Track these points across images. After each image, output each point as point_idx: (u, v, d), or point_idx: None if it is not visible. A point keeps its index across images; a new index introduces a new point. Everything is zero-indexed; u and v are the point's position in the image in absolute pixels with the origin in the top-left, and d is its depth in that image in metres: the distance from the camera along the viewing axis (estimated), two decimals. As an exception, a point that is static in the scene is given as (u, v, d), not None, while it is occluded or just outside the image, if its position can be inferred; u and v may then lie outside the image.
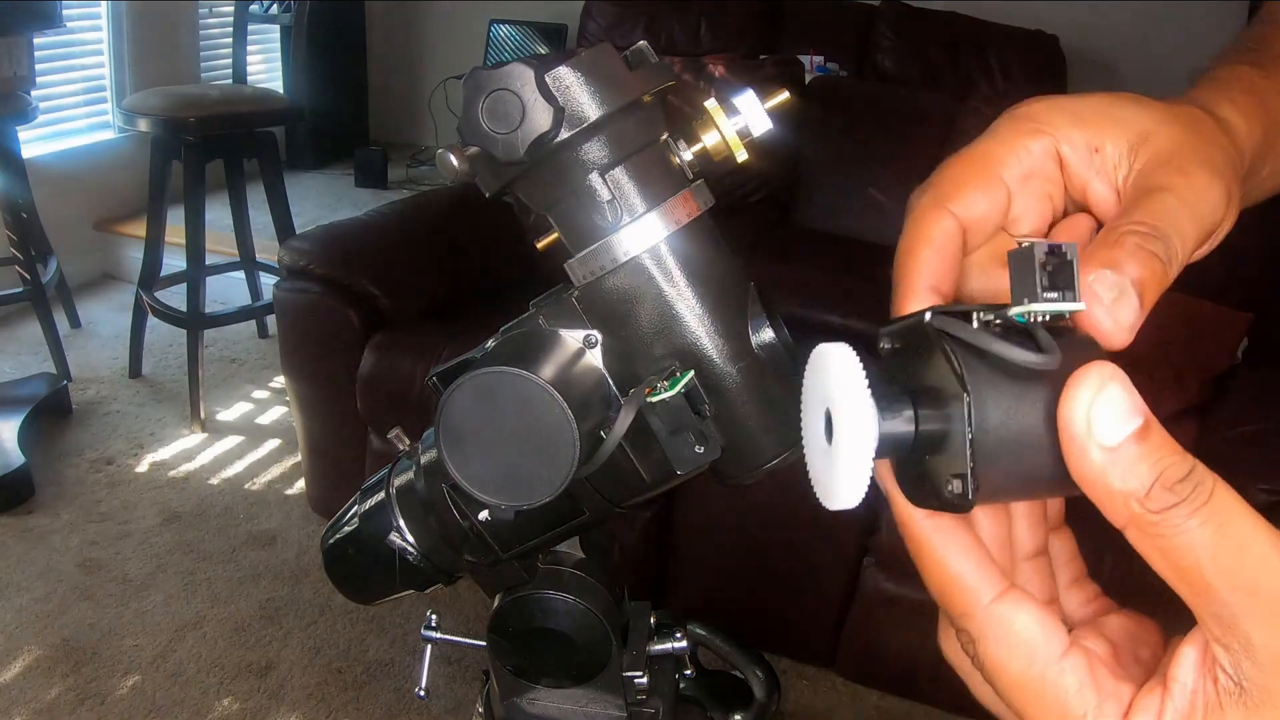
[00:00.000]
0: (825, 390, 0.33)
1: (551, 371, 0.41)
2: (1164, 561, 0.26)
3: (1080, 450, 0.27)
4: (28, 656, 1.82)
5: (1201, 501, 0.26)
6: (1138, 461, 0.27)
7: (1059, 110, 0.38)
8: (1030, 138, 0.37)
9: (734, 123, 0.43)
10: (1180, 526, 0.26)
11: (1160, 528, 0.26)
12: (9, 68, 2.40)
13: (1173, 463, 0.27)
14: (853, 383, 0.31)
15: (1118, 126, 0.37)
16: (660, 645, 0.63)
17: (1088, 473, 0.27)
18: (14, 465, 2.21)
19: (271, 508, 2.31)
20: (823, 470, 0.34)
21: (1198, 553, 0.26)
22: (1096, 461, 0.27)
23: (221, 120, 2.48)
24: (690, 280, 0.43)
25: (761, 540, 1.82)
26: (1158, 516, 0.26)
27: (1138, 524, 0.26)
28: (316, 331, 2.07)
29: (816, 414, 0.34)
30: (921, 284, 0.36)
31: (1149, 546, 0.26)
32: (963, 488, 0.29)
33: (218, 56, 3.89)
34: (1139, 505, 0.26)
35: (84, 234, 3.38)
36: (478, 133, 0.40)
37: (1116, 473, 0.27)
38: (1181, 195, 0.34)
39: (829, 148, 2.87)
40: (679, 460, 0.44)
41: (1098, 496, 0.27)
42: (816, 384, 0.34)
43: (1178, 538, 0.26)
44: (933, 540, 0.32)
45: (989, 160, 0.37)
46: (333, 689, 1.81)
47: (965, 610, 0.31)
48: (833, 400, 0.32)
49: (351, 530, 0.58)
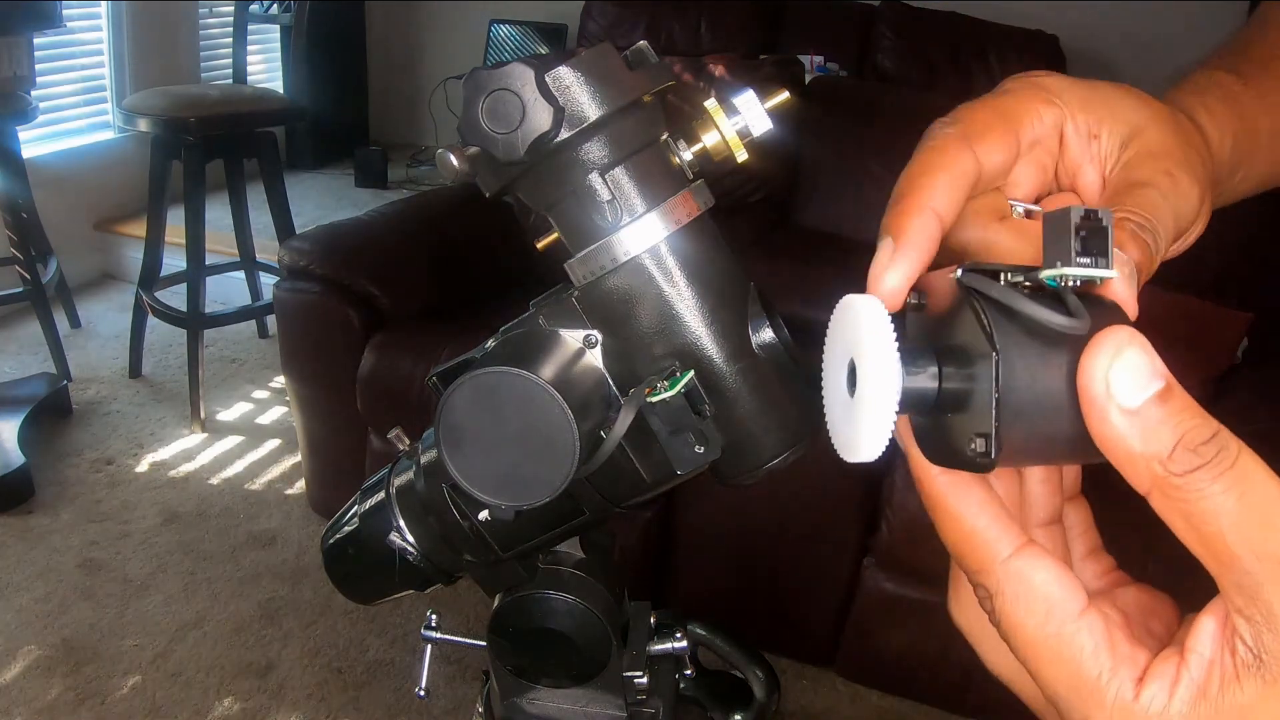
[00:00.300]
0: (850, 341, 0.33)
1: (551, 371, 0.41)
2: (1187, 527, 0.26)
3: (1101, 412, 0.27)
4: (28, 656, 1.82)
5: (1226, 465, 0.26)
6: (1160, 424, 0.26)
7: (1072, 90, 0.38)
8: (1045, 106, 0.38)
9: (734, 123, 0.43)
10: (1204, 491, 0.25)
11: (1184, 491, 0.26)
12: (9, 68, 2.40)
13: (1196, 425, 0.26)
14: (879, 335, 0.31)
15: (1115, 118, 0.38)
16: (660, 645, 0.63)
17: (1109, 435, 0.27)
18: (14, 465, 2.21)
19: (271, 508, 2.31)
20: (843, 422, 0.34)
21: (1222, 519, 0.25)
22: (1117, 424, 0.27)
23: (221, 120, 2.48)
24: (690, 280, 0.43)
25: (762, 540, 1.82)
26: (1181, 480, 0.26)
27: (1161, 487, 0.26)
28: (316, 331, 2.07)
29: (839, 365, 0.34)
30: (929, 203, 0.35)
31: (1172, 512, 0.26)
32: (985, 446, 0.28)
33: (218, 56, 3.89)
34: (1162, 468, 0.26)
35: (84, 234, 3.38)
36: (478, 133, 0.40)
37: (1138, 435, 0.26)
38: (1166, 194, 0.35)
39: (829, 148, 2.87)
40: (679, 460, 0.44)
41: (1120, 460, 0.27)
42: (841, 335, 0.34)
43: (1201, 502, 0.25)
44: (950, 495, 0.32)
45: (1011, 116, 0.38)
46: (333, 689, 1.81)
47: (983, 565, 0.31)
48: (858, 352, 0.32)
49: (351, 530, 0.58)
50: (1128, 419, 0.26)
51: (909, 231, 0.34)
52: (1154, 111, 0.38)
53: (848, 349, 0.33)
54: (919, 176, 0.36)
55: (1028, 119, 0.38)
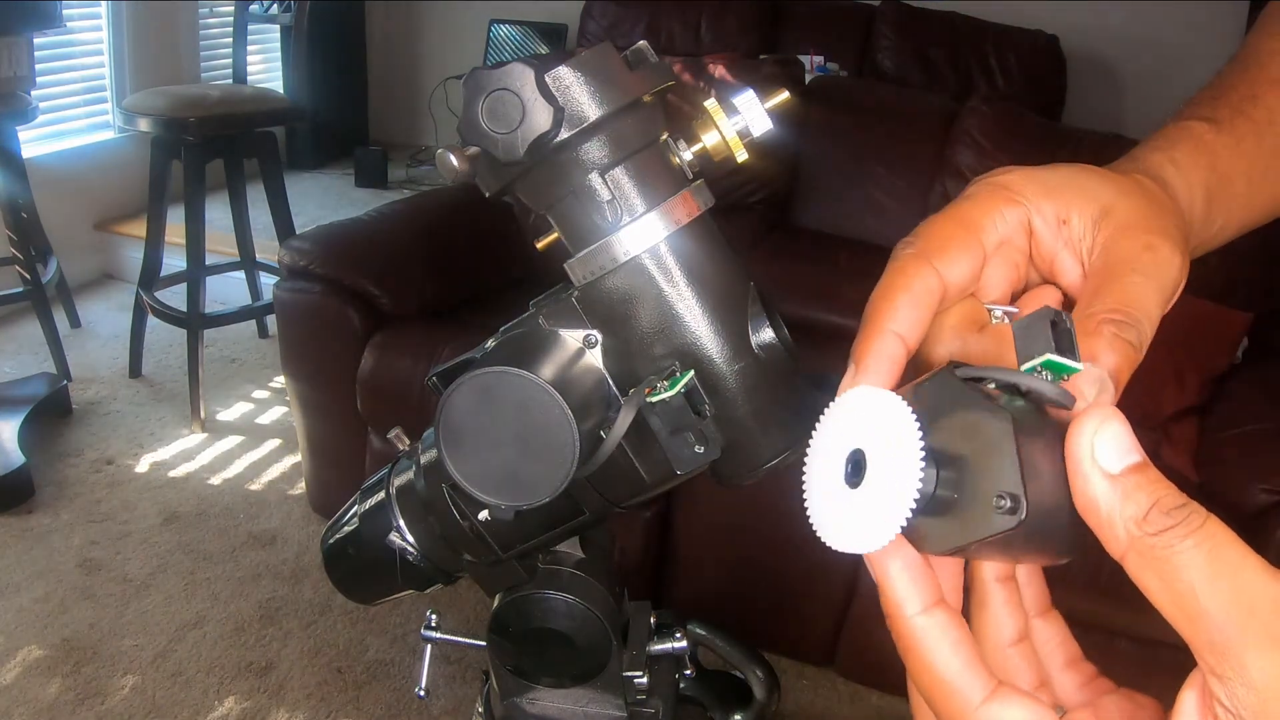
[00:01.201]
0: (863, 433, 0.33)
1: (551, 371, 0.41)
2: (1161, 586, 0.27)
3: (1085, 476, 0.29)
4: (28, 656, 1.82)
5: (1196, 526, 0.27)
6: (1137, 489, 0.28)
7: (1032, 181, 0.39)
8: (1007, 205, 0.38)
9: (734, 123, 0.43)
10: (1175, 548, 0.27)
11: (1157, 550, 0.27)
12: (9, 68, 2.40)
13: (1169, 493, 0.28)
14: (906, 435, 0.31)
15: (1083, 198, 0.38)
16: (660, 645, 0.63)
17: (1091, 497, 0.29)
18: (14, 465, 2.21)
19: (271, 508, 2.31)
20: (838, 512, 0.34)
21: (1192, 573, 0.26)
22: (1099, 486, 0.28)
23: (221, 120, 2.48)
24: (690, 280, 0.43)
25: (761, 540, 1.82)
26: (1154, 539, 0.27)
27: (1136, 548, 0.28)
28: (316, 331, 2.07)
29: (837, 453, 0.35)
30: (889, 325, 0.36)
31: (1146, 571, 0.27)
32: (1014, 504, 0.29)
33: (218, 56, 3.89)
34: (1137, 528, 0.28)
35: (84, 234, 3.38)
36: (478, 133, 0.40)
37: (1118, 498, 0.28)
38: (1148, 273, 0.35)
39: (829, 148, 2.87)
40: (679, 460, 0.44)
41: (1100, 523, 0.29)
42: (849, 424, 0.34)
43: (1173, 559, 0.27)
44: (926, 638, 0.32)
45: (971, 224, 0.38)
46: (333, 689, 1.81)
47: (957, 713, 0.31)
48: (877, 448, 0.33)
49: (351, 530, 0.58)
50: (1109, 483, 0.28)
51: (869, 355, 0.36)
52: (1118, 186, 0.39)
53: (856, 440, 0.34)
54: (880, 300, 0.37)
55: (989, 221, 0.38)
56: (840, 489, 0.34)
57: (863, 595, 1.78)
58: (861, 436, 0.33)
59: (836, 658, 1.90)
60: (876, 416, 0.33)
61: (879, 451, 0.32)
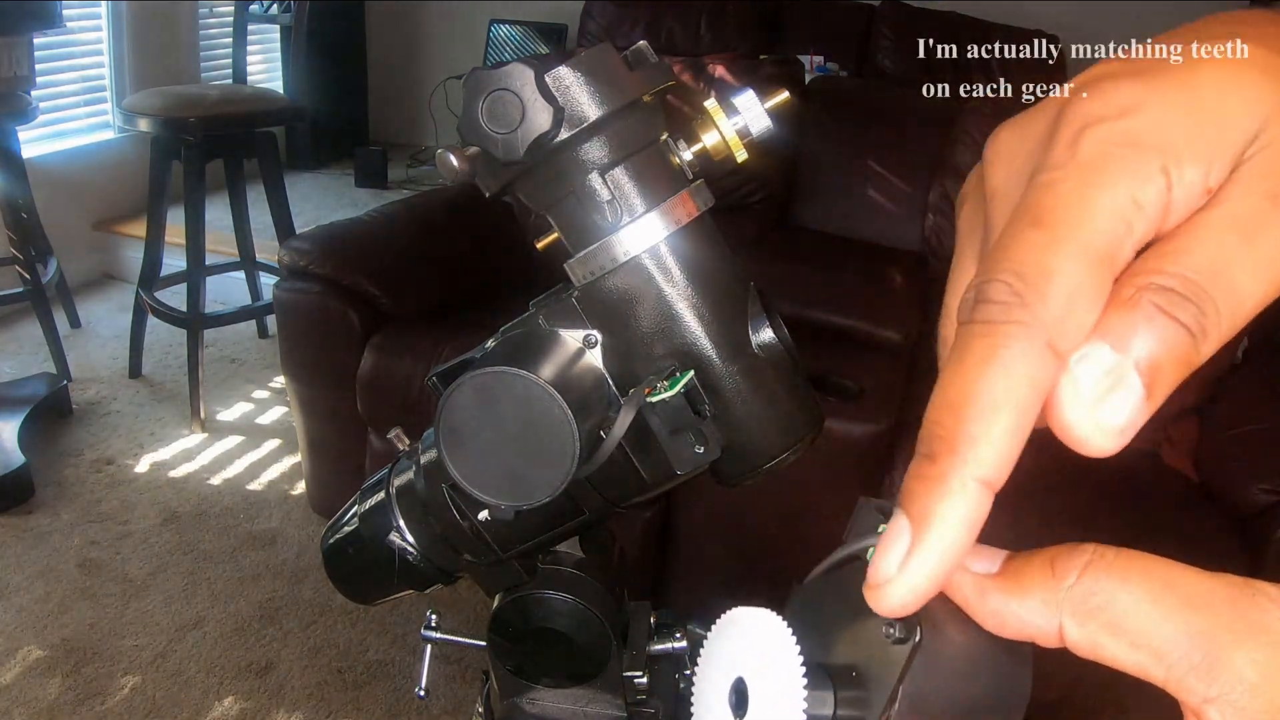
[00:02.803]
0: (742, 659, 0.30)
1: (551, 371, 0.41)
2: (1114, 639, 0.23)
3: (976, 588, 0.26)
4: (28, 656, 1.82)
5: (1109, 559, 0.24)
6: (1025, 565, 0.25)
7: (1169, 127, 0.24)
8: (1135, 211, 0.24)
9: (734, 123, 0.43)
10: (1102, 588, 0.24)
11: (1092, 601, 0.24)
12: (9, 68, 2.40)
13: (1057, 552, 0.25)
14: (785, 658, 0.29)
15: (1226, 139, 0.25)
16: (660, 645, 0.63)
17: (993, 602, 0.25)
18: (14, 465, 2.21)
19: (271, 508, 2.31)
20: None
21: (1138, 606, 0.23)
22: (996, 590, 0.25)
23: (221, 120, 2.48)
24: (690, 280, 0.43)
25: (761, 540, 1.82)
26: (1081, 587, 0.24)
27: (1070, 610, 0.24)
28: (316, 331, 2.07)
29: (719, 679, 0.32)
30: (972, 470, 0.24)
31: (1094, 631, 0.24)
32: (903, 628, 0.27)
33: (218, 56, 3.89)
34: (1057, 592, 0.24)
35: (84, 234, 3.38)
36: (478, 133, 0.40)
37: (1013, 586, 0.25)
38: (1254, 233, 0.24)
39: (829, 148, 2.87)
40: (679, 460, 0.44)
41: (1018, 620, 0.25)
42: (729, 648, 0.32)
43: (1110, 601, 0.23)
44: None
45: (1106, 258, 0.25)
46: (333, 689, 1.81)
47: None
48: (755, 674, 0.30)
49: (351, 530, 0.58)
50: (999, 578, 0.25)
51: (937, 516, 0.24)
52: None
53: (736, 665, 0.31)
54: (964, 409, 0.24)
55: (1123, 249, 0.24)
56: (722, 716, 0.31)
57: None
58: (742, 663, 0.30)
59: (836, 658, 1.90)
60: (753, 639, 0.30)
61: (759, 679, 0.29)
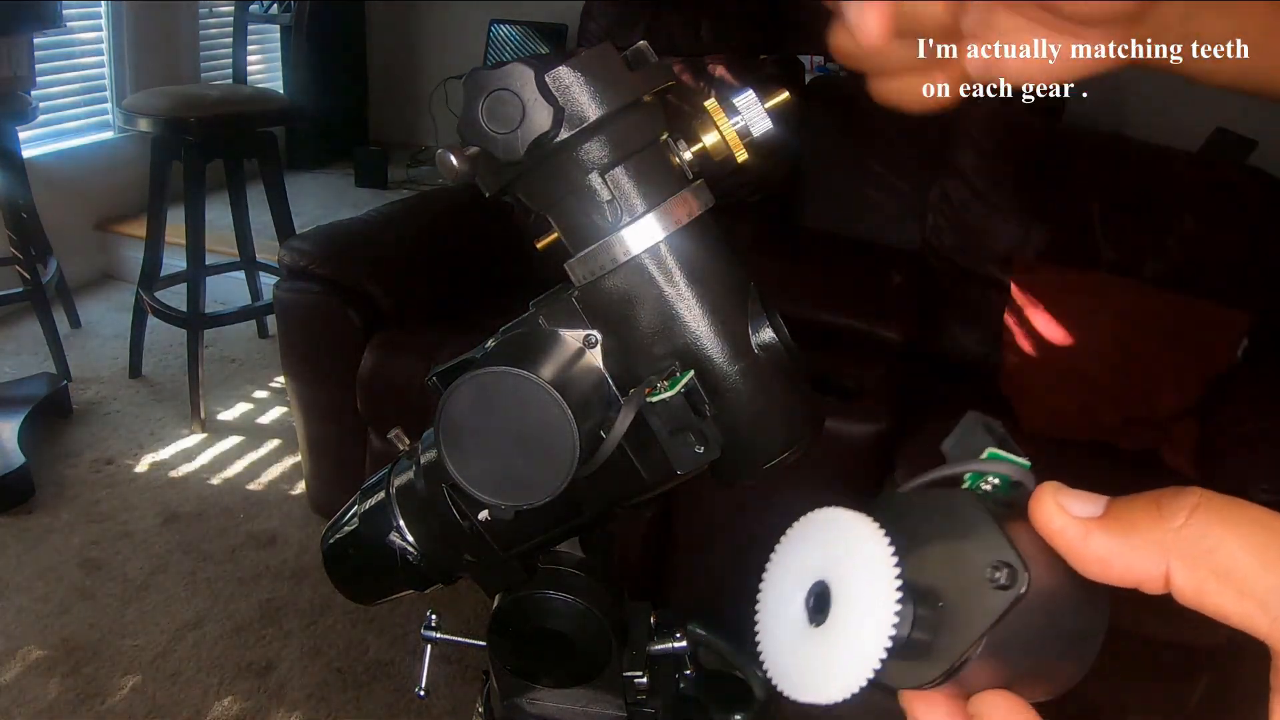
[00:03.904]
0: (829, 563, 0.29)
1: (551, 371, 0.41)
2: (1221, 585, 0.24)
3: (1077, 534, 0.26)
4: (28, 656, 1.82)
5: (1218, 504, 0.25)
6: (1130, 508, 0.26)
7: None
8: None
9: (734, 123, 0.43)
10: (1212, 532, 0.24)
11: (1201, 539, 0.24)
12: (9, 68, 2.40)
13: (1162, 494, 0.25)
14: (881, 568, 0.28)
15: None
16: (660, 645, 0.63)
17: (1099, 545, 0.26)
18: (14, 465, 2.21)
19: (271, 508, 2.31)
20: (796, 653, 0.30)
21: (1247, 554, 0.24)
22: (1101, 533, 0.26)
23: (221, 120, 2.48)
24: (690, 280, 0.43)
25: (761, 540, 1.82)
26: (1188, 528, 0.24)
27: (1177, 552, 0.24)
28: (316, 331, 2.07)
29: (797, 582, 0.31)
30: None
31: (1203, 577, 0.24)
32: (1011, 577, 0.26)
33: (218, 56, 3.89)
34: (1164, 528, 0.25)
35: (84, 234, 3.38)
36: (478, 133, 0.40)
37: (1127, 524, 0.26)
38: None
39: (829, 148, 2.86)
40: (679, 460, 0.44)
41: (1127, 562, 0.25)
42: (813, 550, 0.31)
43: (1219, 545, 0.24)
44: None
45: None
46: (333, 689, 1.81)
47: None
48: (842, 580, 0.29)
49: (351, 530, 0.58)
50: (1105, 520, 0.26)
51: None
52: None
53: (820, 569, 0.30)
54: None
55: None
56: (800, 627, 0.30)
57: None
58: (828, 566, 0.29)
59: (836, 658, 1.89)
60: (846, 543, 0.29)
61: (847, 586, 0.28)
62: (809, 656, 0.29)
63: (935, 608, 0.28)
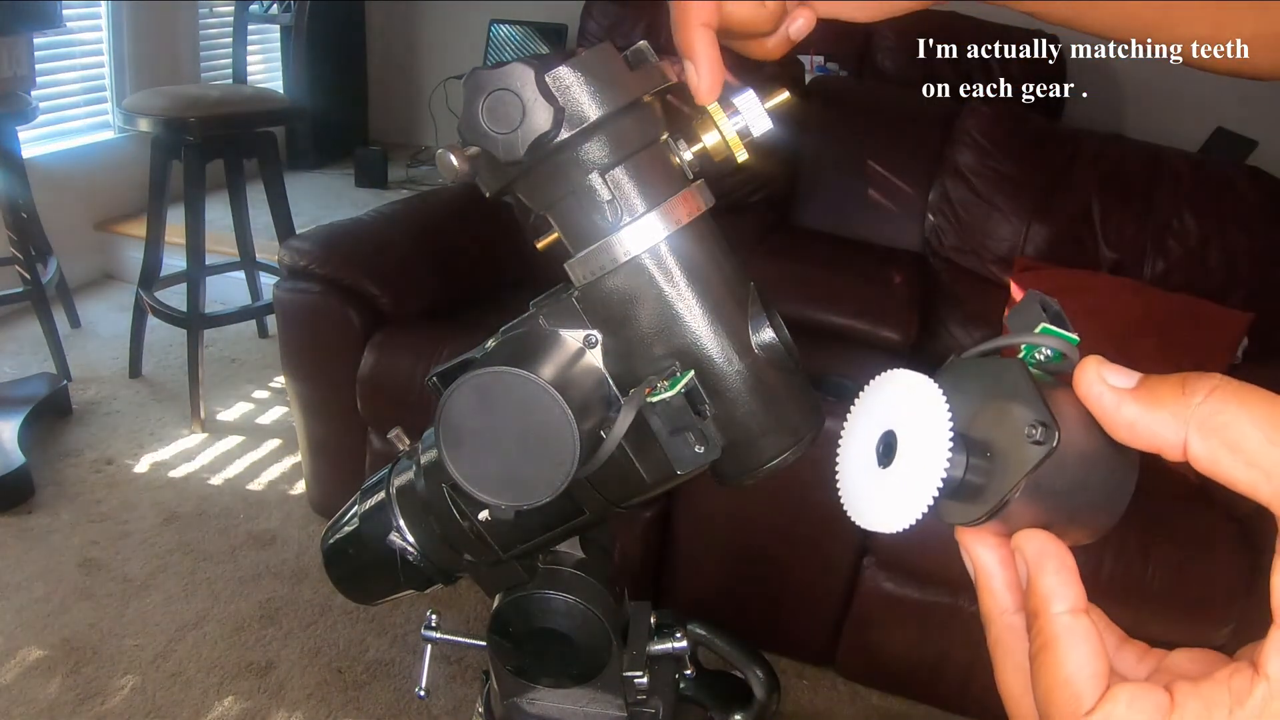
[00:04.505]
0: (897, 415, 0.35)
1: (552, 372, 0.41)
2: (1232, 455, 0.27)
3: (1113, 402, 0.29)
4: (27, 656, 1.82)
5: (1234, 386, 0.27)
6: (1162, 381, 0.29)
7: None
8: None
9: (734, 123, 0.43)
10: (1227, 409, 0.27)
11: (1219, 412, 0.27)
12: (9, 68, 2.39)
13: (1188, 375, 0.28)
14: (937, 420, 0.33)
15: None
16: (660, 645, 0.63)
17: (1130, 413, 0.29)
18: (14, 465, 2.21)
19: (271, 508, 2.31)
20: (867, 491, 0.35)
21: (1256, 429, 0.26)
22: (1132, 401, 0.29)
23: (221, 120, 2.48)
24: (690, 280, 0.43)
25: (761, 540, 1.82)
26: (1208, 404, 0.27)
27: (1196, 424, 0.27)
28: (316, 331, 2.07)
29: (869, 432, 0.36)
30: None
31: (1216, 447, 0.27)
32: (1045, 434, 0.31)
33: (218, 56, 3.89)
34: (1187, 403, 0.27)
35: (84, 234, 3.38)
36: (478, 133, 0.40)
37: (1153, 397, 0.28)
38: None
39: (829, 148, 2.86)
40: (679, 460, 0.44)
41: (1149, 429, 0.28)
42: (885, 404, 0.36)
43: (1232, 421, 0.27)
44: (1069, 637, 0.31)
45: None
46: (333, 689, 1.81)
47: (1073, 713, 0.30)
48: (906, 430, 0.34)
49: (352, 530, 0.58)
50: (1136, 391, 0.29)
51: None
52: None
53: (891, 421, 0.35)
54: None
55: None
56: (871, 468, 0.35)
57: (862, 595, 1.78)
58: (895, 418, 0.34)
59: (836, 657, 1.90)
60: (910, 399, 0.34)
61: (910, 434, 0.34)
62: (878, 493, 0.35)
63: (985, 457, 0.33)
